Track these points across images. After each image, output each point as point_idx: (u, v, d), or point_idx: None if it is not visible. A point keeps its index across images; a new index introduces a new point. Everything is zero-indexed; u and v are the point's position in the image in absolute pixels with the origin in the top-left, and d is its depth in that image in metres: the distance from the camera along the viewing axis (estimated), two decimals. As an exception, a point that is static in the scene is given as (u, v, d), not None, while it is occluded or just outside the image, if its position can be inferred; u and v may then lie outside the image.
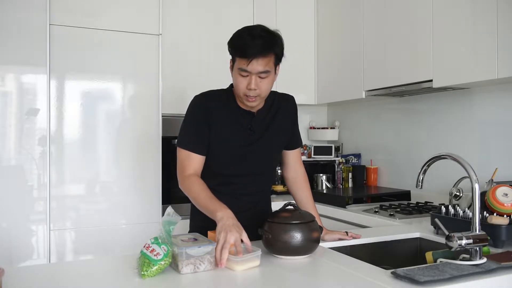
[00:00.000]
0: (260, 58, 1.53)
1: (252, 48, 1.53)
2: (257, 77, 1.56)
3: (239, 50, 1.56)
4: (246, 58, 1.53)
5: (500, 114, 2.41)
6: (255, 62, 1.53)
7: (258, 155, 1.72)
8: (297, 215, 1.52)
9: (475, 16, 2.18)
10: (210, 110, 1.67)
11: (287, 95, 1.86)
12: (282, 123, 1.78)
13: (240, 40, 1.57)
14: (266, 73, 1.57)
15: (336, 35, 3.26)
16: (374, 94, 2.89)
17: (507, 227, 1.64)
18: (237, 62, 1.58)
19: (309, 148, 3.63)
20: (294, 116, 1.85)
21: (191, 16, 3.01)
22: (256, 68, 1.54)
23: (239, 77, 1.58)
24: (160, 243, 1.32)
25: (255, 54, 1.53)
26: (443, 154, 1.53)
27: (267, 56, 1.55)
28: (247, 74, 1.56)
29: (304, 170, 1.92)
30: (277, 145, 1.80)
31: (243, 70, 1.56)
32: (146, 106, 2.75)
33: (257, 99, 1.61)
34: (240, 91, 1.60)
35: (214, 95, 1.72)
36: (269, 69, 1.57)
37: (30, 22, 2.46)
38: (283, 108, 1.79)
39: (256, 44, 1.53)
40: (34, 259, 2.47)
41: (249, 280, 1.31)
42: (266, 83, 1.59)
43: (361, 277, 1.30)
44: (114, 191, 2.67)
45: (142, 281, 1.27)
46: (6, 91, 2.45)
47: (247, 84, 1.57)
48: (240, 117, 1.70)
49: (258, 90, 1.58)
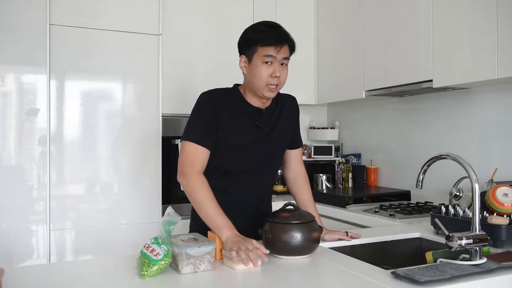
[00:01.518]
0: (287, 45, 1.62)
1: (279, 37, 1.60)
2: (279, 65, 1.61)
3: (265, 38, 1.59)
4: (274, 46, 1.59)
5: (500, 114, 2.41)
6: (284, 48, 1.61)
7: (265, 153, 1.72)
8: (297, 215, 1.52)
9: (475, 16, 2.17)
10: (219, 107, 1.66)
11: (289, 95, 1.87)
12: (286, 122, 1.79)
13: (262, 31, 1.62)
14: (287, 60, 1.64)
15: (336, 35, 3.26)
16: (374, 94, 2.89)
17: (507, 227, 1.64)
18: (260, 51, 1.60)
19: (309, 148, 3.63)
20: (296, 116, 1.87)
21: (191, 16, 3.01)
22: (282, 54, 1.61)
23: (263, 67, 1.61)
24: (160, 243, 1.32)
25: (284, 40, 1.61)
26: (443, 154, 1.53)
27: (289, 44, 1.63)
28: (271, 62, 1.60)
29: (305, 171, 1.92)
30: (282, 143, 1.81)
31: (269, 56, 1.59)
32: (146, 106, 2.75)
33: (276, 89, 1.65)
34: (263, 81, 1.62)
35: (222, 92, 1.72)
36: (289, 56, 1.65)
37: (30, 22, 2.46)
38: (286, 107, 1.81)
39: (281, 33, 1.62)
40: (34, 259, 2.47)
41: (249, 280, 1.31)
42: (285, 72, 1.64)
43: (361, 277, 1.30)
44: (114, 191, 2.67)
45: (142, 281, 1.27)
46: (6, 91, 2.45)
47: (272, 72, 1.60)
48: (248, 114, 1.70)
49: (279, 79, 1.62)
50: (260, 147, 1.71)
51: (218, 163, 1.69)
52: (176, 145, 2.87)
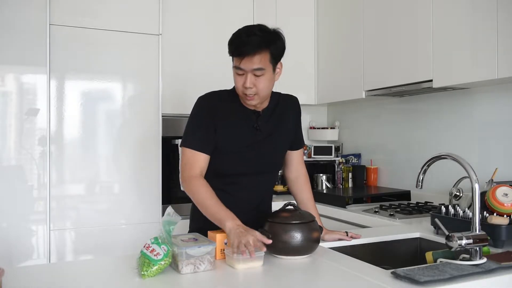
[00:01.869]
0: (252, 55, 1.53)
1: (244, 46, 1.53)
2: (252, 75, 1.56)
3: (233, 48, 1.57)
4: (238, 56, 1.55)
5: (500, 114, 2.41)
6: (247, 59, 1.54)
7: (264, 154, 1.72)
8: (297, 215, 1.52)
9: (475, 16, 2.17)
10: (216, 110, 1.67)
11: (291, 95, 1.86)
12: (287, 123, 1.79)
13: (236, 39, 1.58)
14: (261, 71, 1.56)
15: (336, 35, 3.26)
16: (374, 94, 2.89)
17: (507, 227, 1.64)
18: (234, 61, 1.59)
19: (309, 148, 3.63)
20: (297, 117, 1.86)
21: (191, 16, 3.01)
22: (249, 66, 1.55)
23: (236, 76, 1.60)
24: (160, 243, 1.32)
25: (247, 51, 1.53)
26: (443, 154, 1.53)
27: (260, 53, 1.54)
28: (242, 73, 1.57)
29: (306, 171, 1.93)
30: (282, 144, 1.81)
31: (237, 68, 1.57)
32: (146, 106, 2.75)
33: (256, 98, 1.61)
34: (238, 90, 1.61)
35: (219, 95, 1.73)
36: (263, 66, 1.56)
37: (30, 22, 2.46)
38: (288, 108, 1.80)
39: (248, 42, 1.53)
40: (34, 259, 2.47)
41: (249, 280, 1.31)
42: (262, 81, 1.58)
43: (361, 277, 1.30)
44: (114, 191, 2.67)
45: (142, 281, 1.27)
46: (6, 91, 2.45)
47: (243, 82, 1.57)
48: (246, 116, 1.70)
49: (255, 89, 1.58)
50: (259, 149, 1.70)
51: (217, 166, 1.69)
52: (176, 145, 2.87)
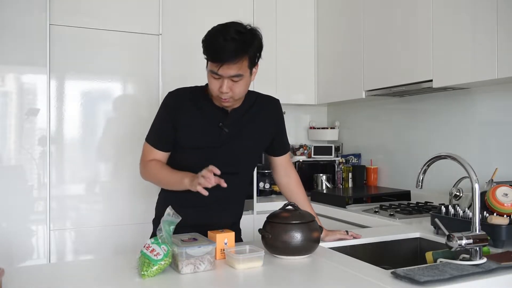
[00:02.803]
0: (232, 63, 1.48)
1: (223, 53, 1.47)
2: (229, 80, 1.52)
3: (210, 54, 1.51)
4: (216, 63, 1.49)
5: (500, 114, 2.41)
6: (226, 67, 1.48)
7: (230, 155, 1.68)
8: (297, 215, 1.52)
9: (475, 16, 2.17)
10: (180, 107, 1.67)
11: (272, 97, 1.81)
12: (262, 125, 1.74)
13: (212, 43, 1.51)
14: (239, 77, 1.52)
15: (336, 35, 3.26)
16: (374, 94, 2.89)
17: (507, 227, 1.64)
18: (209, 64, 1.54)
19: (309, 148, 3.63)
20: (279, 120, 1.80)
21: (191, 16, 3.01)
22: (228, 73, 1.50)
23: (212, 79, 1.55)
24: (160, 243, 1.32)
25: (226, 59, 1.47)
26: (443, 154, 1.53)
27: (239, 61, 1.49)
28: (219, 77, 1.52)
29: (296, 173, 1.89)
30: (253, 147, 1.75)
31: (214, 73, 1.52)
32: (146, 106, 2.75)
33: (231, 100, 1.59)
34: (213, 92, 1.58)
35: (186, 92, 1.71)
36: (242, 72, 1.52)
37: (30, 22, 2.46)
38: (264, 110, 1.75)
39: (227, 49, 1.46)
40: (34, 259, 2.47)
41: (249, 280, 1.31)
42: (239, 86, 1.55)
43: (361, 277, 1.30)
44: (114, 191, 2.67)
45: (142, 281, 1.27)
46: (6, 91, 2.45)
47: (219, 86, 1.54)
48: (211, 115, 1.66)
49: (231, 93, 1.55)
50: (223, 149, 1.67)
51: (182, 162, 1.68)
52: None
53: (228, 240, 1.47)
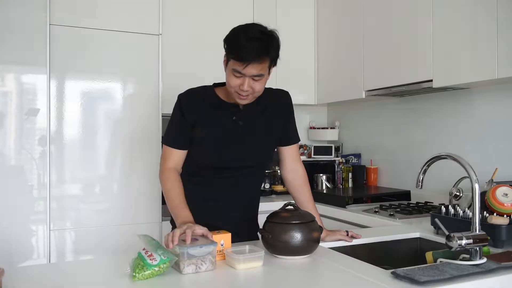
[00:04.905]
0: (256, 63, 1.52)
1: (248, 53, 1.50)
2: (250, 79, 1.56)
3: (235, 52, 1.53)
4: (241, 62, 1.52)
5: (500, 114, 2.41)
6: (251, 66, 1.52)
7: (245, 148, 1.72)
8: (297, 215, 1.52)
9: (475, 16, 2.17)
10: (192, 107, 1.70)
11: (281, 90, 1.84)
12: (273, 119, 1.77)
13: (236, 41, 1.54)
14: (260, 76, 1.56)
15: (336, 35, 3.26)
16: (374, 94, 2.89)
17: (507, 227, 1.64)
18: (232, 62, 1.56)
19: (309, 148, 3.63)
20: (288, 111, 1.82)
21: (191, 16, 3.01)
22: (251, 72, 1.53)
23: (233, 77, 1.57)
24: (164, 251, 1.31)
25: (251, 59, 1.51)
26: (443, 154, 1.53)
27: (263, 61, 1.53)
28: (240, 76, 1.55)
29: (303, 170, 1.87)
30: (266, 140, 1.78)
31: (237, 71, 1.55)
32: (146, 106, 2.75)
33: (249, 98, 1.62)
34: (232, 89, 1.60)
35: (197, 91, 1.74)
36: (263, 72, 1.56)
37: (30, 22, 2.46)
38: (275, 103, 1.78)
39: (252, 48, 1.50)
40: (34, 259, 2.47)
41: (250, 280, 1.31)
42: (259, 85, 1.59)
43: (361, 277, 1.30)
44: (114, 191, 2.67)
45: (143, 281, 1.27)
46: (6, 91, 2.45)
47: (240, 84, 1.57)
48: (225, 110, 1.71)
49: (251, 90, 1.59)
50: (239, 142, 1.71)
51: (199, 160, 1.72)
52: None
53: (224, 241, 1.47)
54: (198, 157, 1.72)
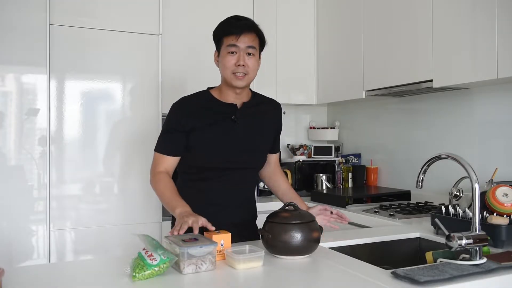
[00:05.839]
0: (248, 33, 1.66)
1: (240, 26, 1.67)
2: (245, 54, 1.66)
3: (228, 29, 1.67)
4: (235, 34, 1.65)
5: (500, 114, 2.41)
6: (244, 36, 1.65)
7: (243, 147, 1.75)
8: (297, 215, 1.52)
9: (475, 16, 2.18)
10: (187, 114, 1.72)
11: (275, 101, 1.91)
12: (267, 126, 1.84)
13: (226, 23, 1.71)
14: (253, 49, 1.67)
15: (336, 35, 3.26)
16: (374, 94, 2.89)
17: (507, 227, 1.64)
18: (225, 41, 1.67)
19: (309, 148, 3.63)
20: (279, 121, 1.91)
21: (191, 16, 3.01)
22: (244, 42, 1.65)
23: (228, 56, 1.66)
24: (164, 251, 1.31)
25: (243, 29, 1.66)
26: (443, 154, 1.53)
27: (253, 33, 1.68)
28: (235, 50, 1.65)
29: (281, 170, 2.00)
30: (263, 140, 1.83)
31: (232, 45, 1.65)
32: (146, 106, 2.75)
33: (245, 78, 1.68)
34: (229, 69, 1.67)
35: (191, 98, 1.78)
36: (255, 46, 1.68)
37: (30, 22, 2.46)
38: (269, 111, 1.86)
39: (242, 23, 1.68)
40: (34, 259, 2.47)
41: (250, 280, 1.31)
42: (252, 62, 1.68)
43: (361, 277, 1.30)
44: (114, 191, 2.67)
45: (143, 281, 1.27)
46: (6, 91, 2.45)
47: (236, 60, 1.65)
48: (222, 111, 1.74)
49: (246, 67, 1.66)
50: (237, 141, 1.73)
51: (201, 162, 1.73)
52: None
53: (224, 241, 1.47)
54: (199, 160, 1.73)
